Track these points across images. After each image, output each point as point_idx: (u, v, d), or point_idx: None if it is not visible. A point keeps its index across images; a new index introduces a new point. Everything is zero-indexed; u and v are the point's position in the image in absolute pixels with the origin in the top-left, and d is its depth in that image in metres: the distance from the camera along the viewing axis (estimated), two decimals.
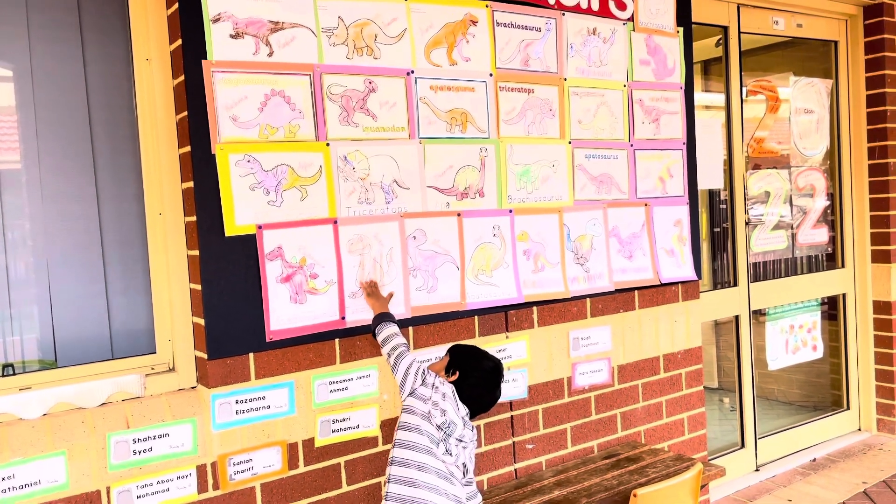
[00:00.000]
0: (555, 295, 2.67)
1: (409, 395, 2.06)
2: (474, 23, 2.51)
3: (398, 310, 2.34)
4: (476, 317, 2.54)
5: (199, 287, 2.06)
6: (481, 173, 2.51)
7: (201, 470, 2.05)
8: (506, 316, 2.62)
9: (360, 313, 2.28)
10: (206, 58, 2.02)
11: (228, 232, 2.06)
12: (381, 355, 2.35)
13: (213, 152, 2.04)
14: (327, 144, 2.23)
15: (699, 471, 2.42)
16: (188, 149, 2.04)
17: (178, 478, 2.01)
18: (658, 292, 3.05)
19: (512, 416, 2.65)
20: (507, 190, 2.57)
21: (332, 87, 2.23)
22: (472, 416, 2.14)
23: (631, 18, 2.91)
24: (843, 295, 4.24)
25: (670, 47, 3.03)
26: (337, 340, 2.27)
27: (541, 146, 2.65)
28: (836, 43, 4.15)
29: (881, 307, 4.17)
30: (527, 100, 2.61)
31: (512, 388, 2.63)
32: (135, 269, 2.18)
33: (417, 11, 2.40)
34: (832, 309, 4.30)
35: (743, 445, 3.76)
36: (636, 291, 2.97)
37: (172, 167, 2.13)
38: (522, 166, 2.60)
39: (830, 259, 4.25)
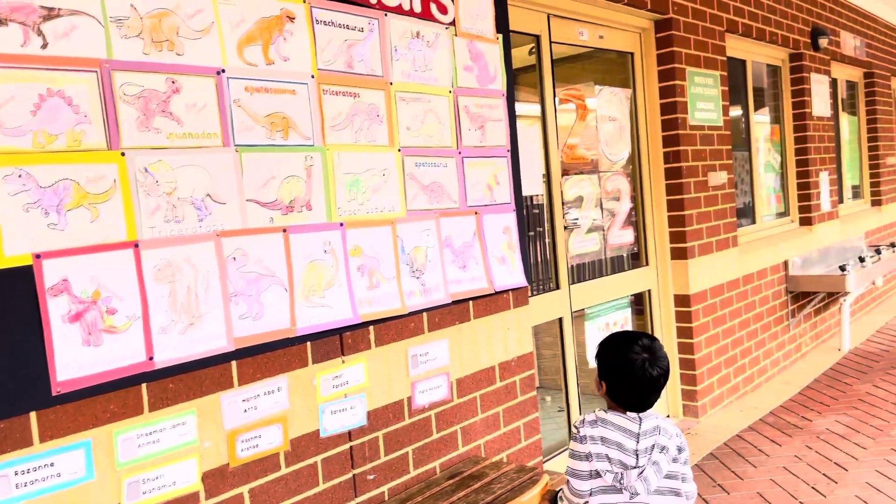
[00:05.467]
0: (392, 312, 2.50)
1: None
2: (291, 19, 2.28)
3: (218, 343, 2.04)
4: (309, 342, 2.31)
5: None
6: (308, 184, 2.28)
7: None
8: (341, 339, 2.40)
9: (173, 351, 1.95)
10: None
11: None
12: (199, 397, 2.04)
13: None
14: (122, 154, 1.88)
15: (546, 483, 2.39)
16: None
17: None
18: (491, 301, 3.00)
19: (351, 447, 2.44)
20: (337, 202, 2.36)
21: (125, 87, 1.89)
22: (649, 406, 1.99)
23: (453, 23, 2.83)
24: (649, 291, 4.53)
25: (491, 54, 3.00)
26: (144, 385, 1.93)
27: (370, 154, 2.47)
28: (632, 54, 4.42)
29: (681, 300, 4.50)
30: (353, 104, 2.42)
31: (350, 417, 2.42)
32: None
33: (226, 3, 2.12)
34: (639, 304, 4.57)
35: None
36: (470, 302, 2.90)
37: None
38: (352, 176, 2.41)
39: (635, 258, 4.52)
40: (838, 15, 6.77)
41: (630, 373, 1.95)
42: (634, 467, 1.90)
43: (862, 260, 6.22)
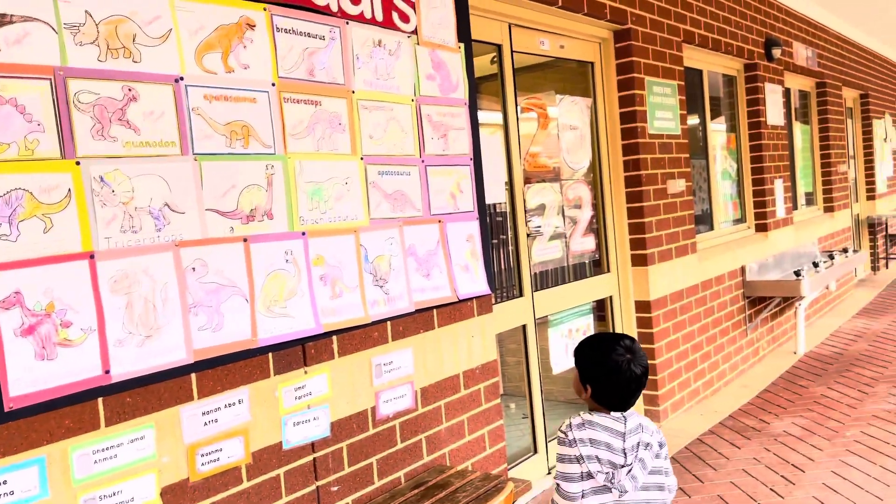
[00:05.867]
0: (355, 321, 2.49)
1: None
2: (252, 27, 2.26)
3: (177, 355, 2.01)
4: (270, 353, 2.28)
5: None
6: (269, 193, 2.26)
7: None
8: (303, 349, 2.38)
9: (130, 364, 1.91)
10: None
11: None
12: (157, 410, 2.00)
13: None
14: (77, 163, 1.84)
15: (511, 491, 2.39)
16: None
17: None
18: (455, 309, 3.01)
19: (315, 459, 2.42)
20: (299, 211, 2.34)
21: (80, 95, 1.85)
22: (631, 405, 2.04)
23: (415, 31, 2.83)
24: (610, 297, 4.58)
25: (453, 63, 3.01)
26: (100, 400, 1.88)
27: (332, 162, 2.46)
28: (592, 64, 4.48)
29: (642, 306, 4.57)
30: (314, 112, 2.41)
31: (313, 429, 2.40)
32: None
33: (184, 10, 2.09)
34: (601, 311, 4.62)
35: (536, 451, 3.87)
36: (435, 310, 2.90)
37: None
38: (314, 184, 2.39)
39: (597, 265, 4.57)
40: (790, 26, 6.97)
41: (616, 374, 2.00)
42: (623, 466, 1.95)
43: (816, 265, 6.39)
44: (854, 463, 3.73)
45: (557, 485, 2.03)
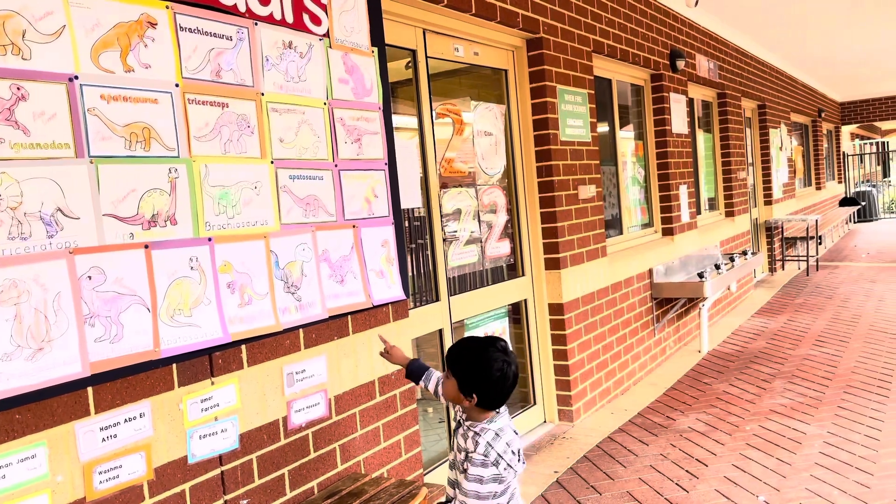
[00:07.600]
0: (266, 329, 2.43)
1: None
2: (153, 25, 2.17)
3: (72, 368, 1.90)
4: (174, 364, 2.19)
5: None
6: (172, 197, 2.17)
7: None
8: (210, 359, 2.30)
9: (19, 379, 1.79)
10: None
11: None
12: (50, 427, 1.89)
13: None
14: None
15: (425, 496, 2.39)
16: None
17: None
18: (370, 315, 2.98)
19: (222, 472, 2.34)
20: (205, 216, 2.26)
21: None
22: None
23: (327, 34, 2.80)
24: (525, 300, 4.65)
25: (367, 67, 2.99)
26: None
27: (241, 166, 2.39)
28: (506, 71, 4.55)
29: (555, 309, 4.66)
30: (221, 115, 2.34)
31: (220, 441, 2.32)
32: None
33: (79, 6, 1.99)
34: (516, 314, 4.70)
35: None
36: (349, 316, 2.86)
37: None
38: (221, 188, 2.32)
39: (512, 269, 4.64)
40: (694, 39, 7.29)
41: (502, 380, 2.13)
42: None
43: (718, 267, 6.70)
44: (753, 456, 3.93)
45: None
